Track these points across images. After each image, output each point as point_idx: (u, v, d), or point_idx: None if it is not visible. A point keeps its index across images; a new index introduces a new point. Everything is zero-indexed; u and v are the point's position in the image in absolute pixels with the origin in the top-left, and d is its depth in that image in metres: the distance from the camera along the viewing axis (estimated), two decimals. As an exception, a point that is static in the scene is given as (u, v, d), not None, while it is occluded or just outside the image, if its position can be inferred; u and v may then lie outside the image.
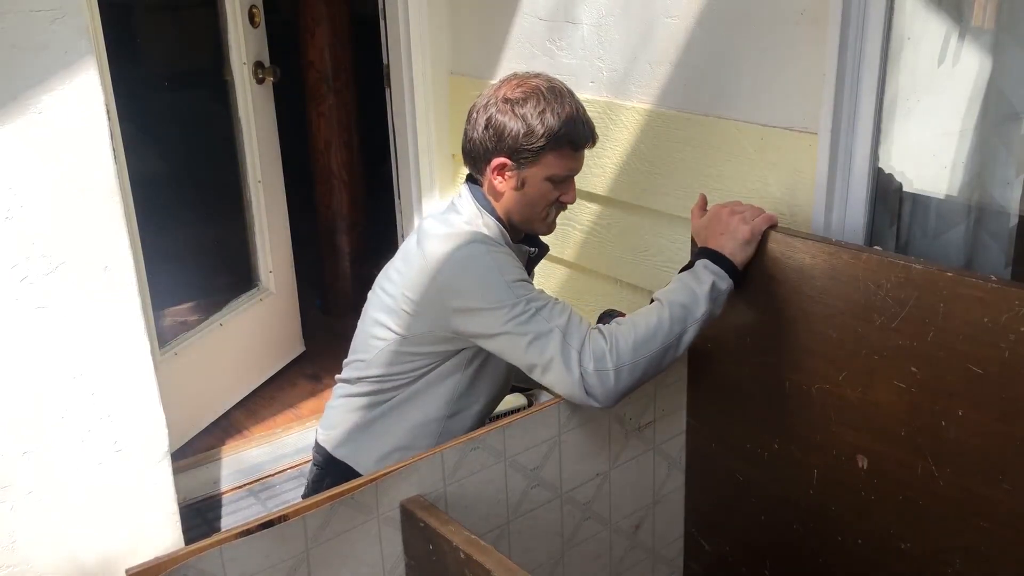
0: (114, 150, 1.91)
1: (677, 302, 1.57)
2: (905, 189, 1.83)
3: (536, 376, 1.58)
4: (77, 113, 1.78)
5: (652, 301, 1.63)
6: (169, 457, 2.09)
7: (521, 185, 1.72)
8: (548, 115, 1.66)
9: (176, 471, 2.17)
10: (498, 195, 1.75)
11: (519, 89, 1.70)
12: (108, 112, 1.86)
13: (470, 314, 1.62)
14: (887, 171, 1.82)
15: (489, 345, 1.64)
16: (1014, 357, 1.32)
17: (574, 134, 1.69)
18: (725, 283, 1.58)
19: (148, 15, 3.04)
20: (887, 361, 1.47)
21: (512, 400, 2.69)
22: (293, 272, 3.38)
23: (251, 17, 3.06)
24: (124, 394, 1.96)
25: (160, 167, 2.92)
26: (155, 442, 2.05)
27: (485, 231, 1.72)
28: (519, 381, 2.31)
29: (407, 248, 1.78)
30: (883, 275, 1.44)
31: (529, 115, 1.67)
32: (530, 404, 2.65)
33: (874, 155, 1.79)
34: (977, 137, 1.73)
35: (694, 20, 2.05)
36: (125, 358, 1.95)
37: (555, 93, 1.70)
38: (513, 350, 1.59)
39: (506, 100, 1.70)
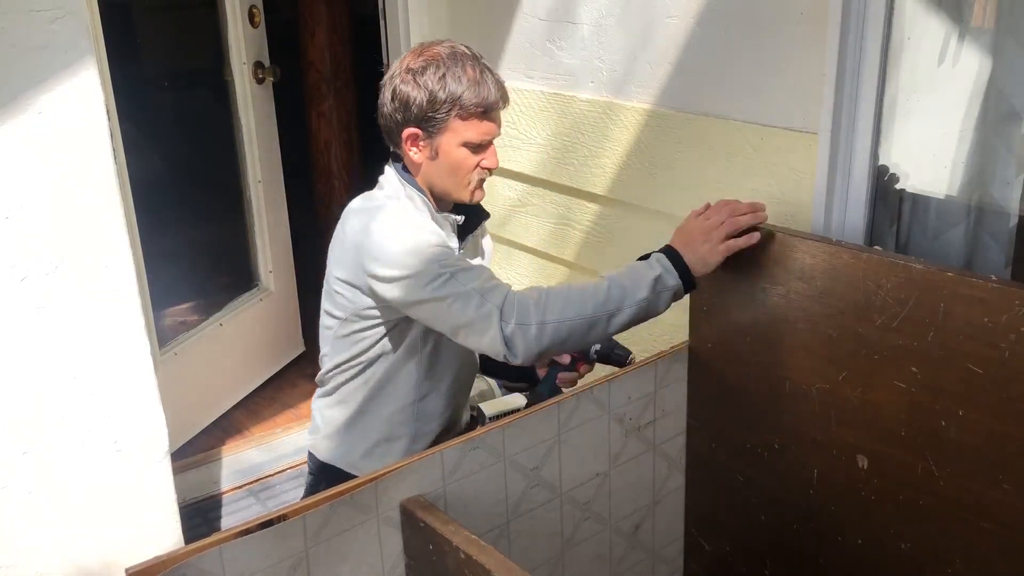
0: (114, 150, 1.91)
1: (618, 282, 1.57)
2: (905, 189, 1.83)
3: (461, 340, 1.62)
4: (77, 113, 1.78)
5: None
6: (169, 457, 2.09)
7: (435, 155, 1.72)
8: (450, 81, 1.66)
9: (176, 471, 2.17)
10: (416, 167, 1.75)
11: (420, 58, 1.70)
12: (108, 112, 1.86)
13: (391, 283, 1.64)
14: (888, 170, 1.82)
15: (415, 313, 1.67)
16: (1014, 357, 1.31)
17: (479, 97, 1.67)
18: (672, 281, 1.56)
19: (148, 15, 3.04)
20: (887, 361, 1.47)
21: (512, 400, 2.68)
22: (293, 272, 3.38)
23: (251, 17, 3.06)
24: (124, 394, 1.96)
25: (160, 167, 2.92)
26: (155, 442, 2.05)
27: (407, 202, 1.74)
28: (515, 379, 2.31)
29: (336, 231, 1.80)
30: (883, 275, 1.44)
31: (430, 82, 1.66)
32: (530, 404, 2.65)
33: (874, 155, 1.79)
34: (977, 137, 1.73)
35: (694, 20, 2.05)
36: (125, 358, 1.95)
37: (455, 58, 1.68)
38: (435, 316, 1.63)
39: (408, 70, 1.69)
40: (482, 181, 1.77)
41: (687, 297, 1.74)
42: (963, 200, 1.76)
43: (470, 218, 1.85)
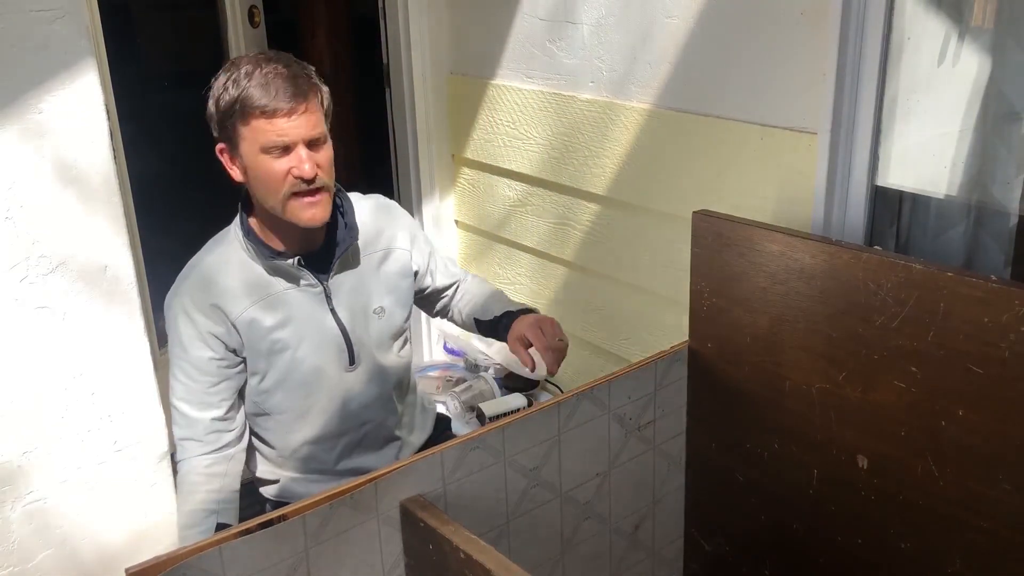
0: (114, 150, 1.91)
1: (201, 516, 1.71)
2: (905, 189, 1.83)
3: None
4: (77, 113, 1.78)
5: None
6: (169, 457, 2.09)
7: (244, 170, 1.64)
8: (229, 85, 1.58)
9: (176, 471, 2.17)
10: (246, 189, 1.69)
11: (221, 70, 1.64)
12: (108, 112, 1.86)
13: None
14: (883, 182, 1.82)
15: None
16: (1014, 357, 1.31)
17: (253, 98, 1.55)
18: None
19: (148, 15, 3.04)
20: (887, 361, 1.47)
21: (512, 400, 2.69)
22: (293, 272, 3.37)
23: (251, 17, 3.06)
24: (124, 394, 1.96)
25: (160, 167, 2.92)
26: (155, 442, 2.05)
27: (221, 249, 1.72)
28: (516, 385, 2.30)
29: None
30: (883, 275, 1.44)
31: (215, 90, 1.61)
32: (530, 404, 2.65)
33: (874, 155, 1.79)
34: (977, 137, 1.73)
35: (694, 20, 2.05)
36: (125, 358, 1.95)
37: (237, 63, 1.60)
38: None
39: (208, 87, 1.64)
40: (303, 195, 1.60)
41: (687, 297, 1.75)
42: (963, 200, 1.76)
43: (330, 245, 1.71)
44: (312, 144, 1.60)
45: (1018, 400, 1.33)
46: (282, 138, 1.57)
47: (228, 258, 1.69)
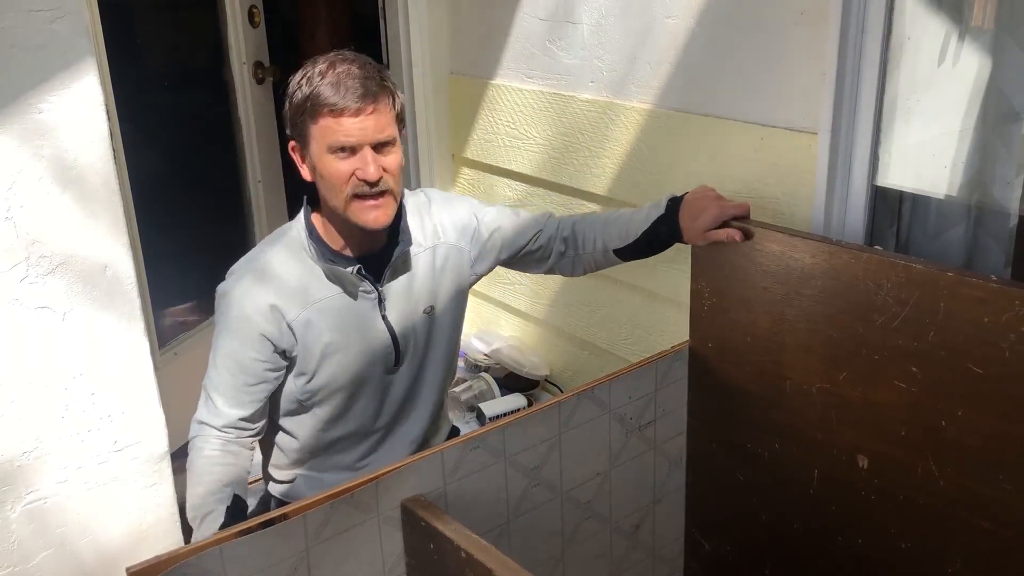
0: (114, 150, 1.91)
1: (212, 485, 1.71)
2: (905, 189, 1.83)
3: None
4: (77, 113, 1.78)
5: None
6: (169, 457, 2.09)
7: (312, 168, 1.63)
8: (303, 83, 1.58)
9: (176, 471, 2.16)
10: (312, 189, 1.68)
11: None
12: (108, 112, 1.85)
13: None
14: (883, 182, 1.82)
15: None
16: (1014, 357, 1.32)
17: (322, 96, 1.55)
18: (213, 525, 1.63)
19: (148, 15, 3.04)
20: (887, 361, 1.47)
21: (512, 400, 2.69)
22: (293, 272, 3.37)
23: (251, 17, 3.06)
24: (124, 394, 1.96)
25: (160, 167, 2.92)
26: (155, 442, 2.04)
27: (281, 248, 1.70)
28: (516, 385, 2.29)
29: None
30: (883, 275, 1.44)
31: (291, 88, 1.61)
32: (530, 404, 2.65)
33: (874, 155, 1.79)
34: (977, 137, 1.73)
35: (694, 20, 2.05)
36: (125, 358, 1.94)
37: (313, 62, 1.60)
38: None
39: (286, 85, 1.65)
40: (366, 198, 1.59)
41: (687, 297, 1.75)
42: (963, 200, 1.76)
43: (389, 248, 1.70)
44: (379, 147, 1.59)
45: (1018, 400, 1.33)
46: (348, 138, 1.56)
47: (289, 257, 1.68)
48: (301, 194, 1.74)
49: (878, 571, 1.59)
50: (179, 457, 2.70)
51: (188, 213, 3.09)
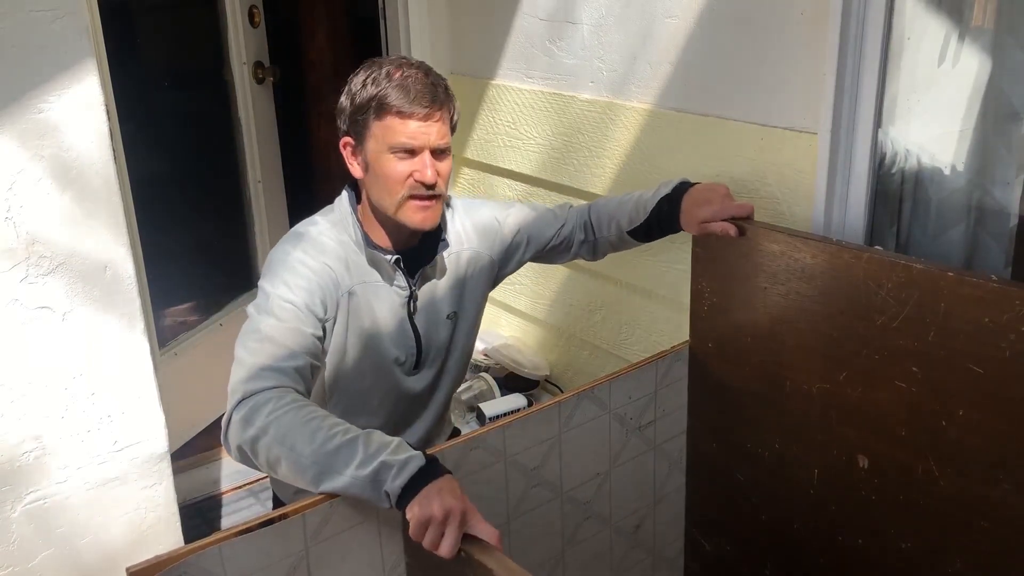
0: (114, 150, 1.91)
1: (356, 446, 1.34)
2: (905, 189, 1.83)
3: None
4: (77, 113, 1.78)
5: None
6: (169, 457, 2.09)
7: (367, 166, 1.64)
8: (368, 82, 1.59)
9: (176, 471, 2.17)
10: (360, 185, 1.68)
11: (360, 68, 1.65)
12: (108, 112, 1.86)
13: None
14: (890, 163, 1.82)
15: None
16: (1014, 357, 1.31)
17: (390, 97, 1.56)
18: (397, 482, 1.28)
19: (148, 15, 3.04)
20: (887, 361, 1.47)
21: (512, 400, 2.69)
22: (293, 272, 3.37)
23: (251, 17, 3.06)
24: (124, 394, 1.96)
25: (160, 167, 2.92)
26: (155, 442, 2.05)
27: (330, 231, 1.67)
28: (516, 385, 2.28)
29: None
30: (884, 275, 1.44)
31: (353, 86, 1.62)
32: (530, 404, 2.65)
33: (874, 155, 1.79)
34: (977, 137, 1.73)
35: (694, 20, 2.05)
36: (125, 358, 1.94)
37: (379, 63, 1.62)
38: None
39: (346, 82, 1.66)
40: (420, 199, 1.61)
41: (687, 297, 1.75)
42: (963, 200, 1.76)
43: (421, 251, 1.71)
44: (437, 153, 1.61)
45: (1018, 400, 1.33)
46: (412, 141, 1.58)
47: (340, 232, 1.68)
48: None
49: (878, 571, 1.59)
50: (179, 457, 2.71)
51: (188, 213, 3.09)
